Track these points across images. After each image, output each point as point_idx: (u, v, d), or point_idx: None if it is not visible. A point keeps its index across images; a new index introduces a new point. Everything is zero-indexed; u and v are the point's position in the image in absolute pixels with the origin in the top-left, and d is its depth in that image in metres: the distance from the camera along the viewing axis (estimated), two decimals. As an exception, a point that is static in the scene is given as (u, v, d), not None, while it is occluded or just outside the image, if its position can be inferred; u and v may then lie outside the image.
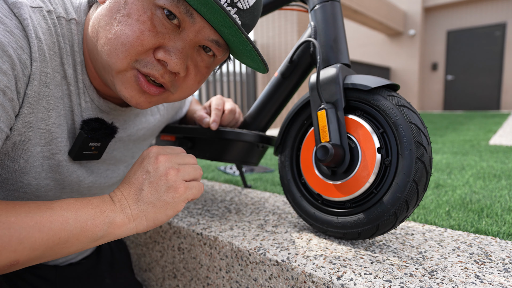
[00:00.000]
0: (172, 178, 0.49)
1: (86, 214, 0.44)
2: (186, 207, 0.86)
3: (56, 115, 0.51)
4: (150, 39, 0.46)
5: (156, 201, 0.48)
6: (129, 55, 0.47)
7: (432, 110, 8.73)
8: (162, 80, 0.50)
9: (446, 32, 8.31)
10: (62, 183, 0.57)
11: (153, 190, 0.48)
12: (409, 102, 0.56)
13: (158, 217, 0.49)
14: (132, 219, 0.48)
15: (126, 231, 0.48)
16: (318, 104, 0.62)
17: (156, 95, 0.52)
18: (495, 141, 2.15)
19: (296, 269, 0.54)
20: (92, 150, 0.56)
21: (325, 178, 0.61)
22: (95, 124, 0.55)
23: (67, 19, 0.50)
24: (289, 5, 0.80)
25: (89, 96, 0.55)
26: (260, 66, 0.54)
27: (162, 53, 0.47)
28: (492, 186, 1.00)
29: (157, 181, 0.48)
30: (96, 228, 0.45)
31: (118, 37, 0.46)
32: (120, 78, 0.49)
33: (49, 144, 0.51)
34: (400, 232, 0.67)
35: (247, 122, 0.81)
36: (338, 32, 0.66)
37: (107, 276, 0.79)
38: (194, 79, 0.54)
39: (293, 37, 4.73)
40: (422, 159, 0.51)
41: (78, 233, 0.43)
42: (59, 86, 0.50)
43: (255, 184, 1.09)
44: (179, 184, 0.49)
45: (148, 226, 0.49)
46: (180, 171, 0.50)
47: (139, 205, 0.48)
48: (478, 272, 0.50)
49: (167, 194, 0.48)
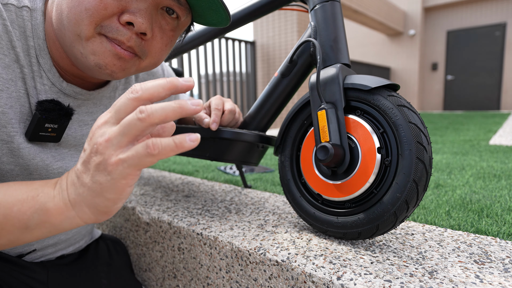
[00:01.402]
0: (101, 149, 0.36)
1: (14, 198, 0.39)
2: (186, 207, 0.86)
3: (6, 96, 0.51)
4: (113, 2, 0.47)
5: (90, 183, 0.37)
6: (94, 19, 0.48)
7: (432, 110, 8.73)
8: (128, 44, 0.51)
9: (446, 32, 8.31)
10: (28, 168, 0.57)
11: (86, 169, 0.38)
12: (409, 102, 0.56)
13: (98, 202, 0.38)
14: (71, 206, 0.39)
15: (65, 220, 0.39)
16: (318, 104, 0.62)
17: (129, 59, 0.53)
18: (495, 141, 2.15)
19: (296, 269, 0.54)
20: (49, 132, 0.57)
21: (325, 178, 0.61)
22: (49, 105, 0.55)
23: (18, 6, 0.52)
24: (289, 5, 0.80)
25: (48, 79, 0.56)
26: (223, 14, 0.55)
27: (127, 15, 0.49)
28: (492, 186, 1.00)
29: (88, 156, 0.38)
30: (23, 215, 0.38)
31: (81, 3, 0.47)
32: (91, 46, 0.50)
33: (4, 126, 0.52)
34: (400, 232, 0.67)
35: (247, 122, 0.81)
36: (338, 32, 0.66)
37: (104, 276, 0.79)
38: (161, 42, 0.55)
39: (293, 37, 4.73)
40: (422, 159, 0.51)
41: (1, 221, 0.38)
42: (8, 68, 0.51)
43: (255, 184, 1.09)
44: (109, 156, 0.36)
45: (92, 215, 0.39)
46: (112, 137, 0.36)
47: (76, 188, 0.39)
48: (478, 272, 0.50)
49: (97, 172, 0.37)
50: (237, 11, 0.86)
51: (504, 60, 7.69)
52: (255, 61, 5.05)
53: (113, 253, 0.86)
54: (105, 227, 1.04)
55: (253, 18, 0.85)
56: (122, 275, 0.83)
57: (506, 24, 7.59)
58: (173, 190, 1.03)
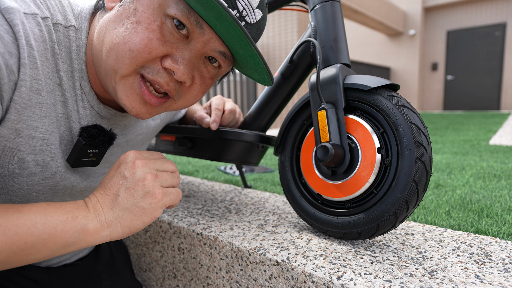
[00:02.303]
0: (149, 183, 0.47)
1: (56, 219, 0.43)
2: (186, 207, 0.86)
3: (49, 122, 0.50)
4: (158, 48, 0.46)
5: (132, 207, 0.47)
6: (135, 61, 0.46)
7: (432, 110, 8.73)
8: (167, 88, 0.50)
9: (446, 32, 8.31)
10: (54, 188, 0.56)
11: (130, 196, 0.47)
12: (409, 102, 0.56)
13: (134, 224, 0.47)
14: (106, 226, 0.46)
15: (98, 238, 0.46)
16: (318, 104, 0.62)
17: (157, 106, 0.52)
18: (495, 141, 2.15)
19: (296, 269, 0.54)
20: (91, 157, 0.56)
21: (325, 178, 0.61)
22: (93, 131, 0.54)
23: (66, 25, 0.50)
24: (289, 5, 0.80)
25: (88, 102, 0.55)
26: (266, 78, 0.54)
27: (170, 61, 0.47)
28: (492, 186, 1.00)
29: (133, 186, 0.47)
30: (66, 234, 0.43)
31: (126, 43, 0.46)
32: (123, 84, 0.49)
33: (43, 152, 0.51)
34: (400, 232, 0.67)
35: (247, 122, 0.81)
36: (338, 32, 0.66)
37: (105, 277, 0.79)
38: (199, 89, 0.54)
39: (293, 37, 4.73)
40: (422, 159, 0.51)
41: (46, 239, 0.42)
42: (51, 92, 0.49)
43: (255, 184, 1.09)
44: (157, 189, 0.48)
45: (123, 233, 0.47)
46: (158, 177, 0.49)
47: (114, 211, 0.46)
48: (478, 272, 0.50)
49: (144, 200, 0.47)
50: (237, 11, 0.86)
51: (504, 60, 7.69)
52: (255, 61, 5.04)
53: (114, 253, 0.86)
54: (105, 227, 1.04)
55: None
56: (123, 276, 0.84)
57: (506, 24, 7.59)
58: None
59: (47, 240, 0.42)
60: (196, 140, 0.81)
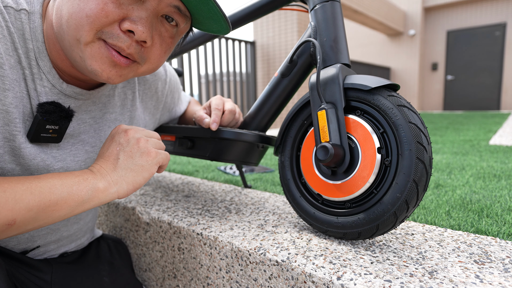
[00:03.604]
0: (143, 145, 0.56)
1: (70, 180, 0.49)
2: (186, 207, 0.86)
3: (12, 96, 0.52)
4: (114, 10, 0.48)
5: (132, 166, 0.54)
6: (94, 26, 0.48)
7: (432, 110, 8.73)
8: (128, 51, 0.52)
9: (446, 32, 8.30)
10: (29, 168, 0.58)
11: (128, 157, 0.55)
12: (409, 102, 0.56)
13: (136, 180, 0.55)
14: (113, 184, 0.53)
15: (108, 195, 0.53)
16: (318, 104, 0.62)
17: (126, 67, 0.54)
18: (495, 141, 2.15)
19: (296, 269, 0.54)
20: (50, 133, 0.58)
21: (325, 178, 0.61)
22: (50, 107, 0.56)
23: (17, 9, 0.52)
24: (289, 5, 0.80)
25: (48, 81, 0.56)
26: (223, 25, 0.56)
27: (128, 23, 0.49)
28: (492, 186, 1.00)
29: (130, 149, 0.55)
30: (81, 192, 0.50)
31: (82, 10, 0.48)
32: (89, 51, 0.51)
33: (7, 124, 0.52)
34: (400, 232, 0.67)
35: (247, 122, 0.81)
36: (338, 32, 0.66)
37: (105, 275, 0.79)
38: (160, 49, 0.56)
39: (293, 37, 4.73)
40: (422, 159, 0.51)
41: (65, 197, 0.48)
42: (14, 68, 0.52)
43: (255, 184, 1.09)
44: (150, 149, 0.56)
45: (128, 189, 0.54)
46: (148, 140, 0.57)
47: (118, 172, 0.54)
48: (478, 272, 0.50)
49: (141, 158, 0.55)
50: (237, 11, 0.86)
51: (504, 60, 7.69)
52: (255, 61, 5.05)
53: (114, 253, 0.86)
54: (105, 227, 1.04)
55: (253, 18, 0.85)
56: (123, 274, 0.84)
57: (506, 24, 7.59)
58: (173, 190, 1.03)
59: (67, 198, 0.48)
60: (196, 140, 0.81)
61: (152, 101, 0.80)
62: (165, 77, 0.83)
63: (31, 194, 0.45)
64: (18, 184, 0.45)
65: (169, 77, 0.84)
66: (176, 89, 0.90)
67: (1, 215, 0.42)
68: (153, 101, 0.81)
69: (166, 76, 0.83)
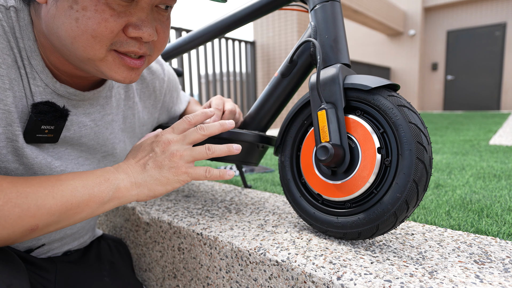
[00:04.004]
0: (176, 160, 0.55)
1: (92, 182, 0.49)
2: (186, 207, 0.86)
3: (12, 96, 0.51)
4: (116, 23, 0.48)
5: (159, 176, 0.55)
6: (104, 44, 0.49)
7: (432, 110, 8.73)
8: (141, 52, 0.53)
9: (446, 32, 8.31)
10: (32, 167, 0.57)
11: (157, 167, 0.55)
12: (409, 102, 0.56)
13: (158, 189, 0.55)
14: (136, 187, 0.53)
15: (129, 196, 0.53)
16: (318, 104, 0.62)
17: (141, 65, 0.55)
18: (495, 141, 2.15)
19: (296, 269, 0.54)
20: (46, 133, 0.58)
21: (325, 178, 0.61)
22: (44, 107, 0.55)
23: (6, 7, 0.51)
24: (289, 5, 0.80)
25: (41, 80, 0.56)
26: None
27: (133, 30, 0.50)
28: (492, 186, 1.00)
29: (162, 160, 0.55)
30: (102, 193, 0.50)
31: (85, 32, 0.47)
32: (105, 65, 0.51)
33: (10, 125, 0.52)
34: (400, 232, 0.67)
35: (247, 122, 0.81)
36: (338, 32, 0.66)
37: (106, 274, 0.80)
38: (164, 35, 0.57)
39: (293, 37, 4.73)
40: (422, 159, 0.51)
41: (87, 199, 0.48)
42: (12, 68, 0.51)
43: (255, 184, 1.09)
44: (181, 166, 0.56)
45: (148, 195, 0.55)
46: (184, 153, 0.56)
47: (143, 176, 0.54)
48: (478, 272, 0.50)
49: (169, 172, 0.55)
50: (237, 11, 0.86)
51: (504, 60, 7.69)
52: (255, 61, 5.05)
53: (114, 252, 0.86)
54: (105, 227, 1.04)
55: (253, 18, 0.85)
56: (123, 274, 0.84)
57: (506, 24, 7.59)
58: (173, 190, 1.03)
59: (88, 200, 0.48)
60: (196, 140, 0.81)
61: (150, 100, 0.80)
62: (163, 76, 0.83)
63: (53, 198, 0.45)
64: (40, 188, 0.45)
65: (167, 76, 0.84)
66: (175, 88, 0.90)
67: (24, 222, 0.42)
68: (151, 100, 0.81)
69: (164, 75, 0.83)
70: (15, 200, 0.42)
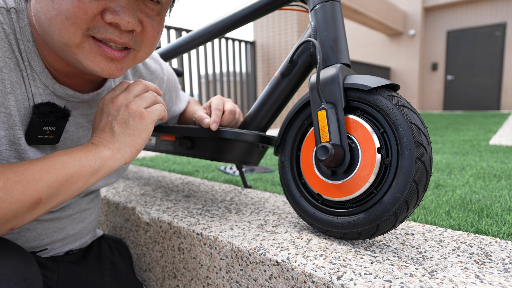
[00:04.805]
0: (134, 109, 0.56)
1: (77, 154, 0.50)
2: (186, 207, 0.86)
3: (14, 99, 0.51)
4: (91, 5, 0.46)
5: (129, 131, 0.55)
6: (78, 26, 0.47)
7: (432, 110, 8.73)
8: (121, 41, 0.50)
9: (446, 32, 8.31)
10: None
11: (122, 124, 0.55)
12: (409, 102, 0.56)
13: (137, 142, 0.56)
14: (117, 151, 0.54)
15: (116, 161, 0.54)
16: (318, 104, 0.62)
17: (123, 59, 0.53)
18: (495, 141, 2.15)
19: (296, 269, 0.54)
20: (48, 134, 0.57)
21: (325, 178, 0.61)
22: (45, 108, 0.55)
23: (7, 8, 0.51)
24: (289, 5, 0.80)
25: (41, 81, 0.55)
26: None
27: (110, 15, 0.47)
28: (492, 186, 1.00)
29: (122, 116, 0.55)
30: (90, 162, 0.51)
31: (60, 12, 0.46)
32: (82, 53, 0.49)
33: (12, 128, 0.52)
34: (400, 232, 0.67)
35: (247, 122, 0.81)
36: (338, 32, 0.66)
37: (107, 274, 0.80)
38: (152, 30, 0.54)
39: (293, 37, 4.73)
40: (422, 159, 0.51)
41: (78, 169, 0.49)
42: (13, 71, 0.51)
43: (255, 184, 1.09)
44: (142, 111, 0.56)
45: (132, 152, 0.56)
46: (136, 101, 0.57)
47: (117, 139, 0.55)
48: (478, 272, 0.50)
49: (134, 122, 0.55)
50: (237, 11, 0.86)
51: (504, 60, 7.69)
52: (255, 61, 5.05)
53: (115, 252, 0.86)
54: (105, 227, 1.04)
55: (253, 18, 0.85)
56: (124, 274, 0.84)
57: (506, 24, 7.59)
58: (173, 190, 1.03)
59: (80, 170, 0.49)
60: (196, 140, 0.81)
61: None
62: (162, 76, 0.83)
63: (47, 172, 0.46)
64: (33, 166, 0.46)
65: (166, 76, 0.84)
66: (174, 88, 0.90)
67: (28, 195, 0.44)
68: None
69: (163, 74, 0.83)
70: (14, 178, 0.43)
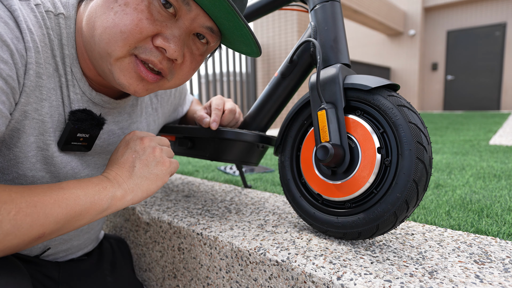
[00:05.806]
0: (158, 154, 0.57)
1: (92, 190, 0.50)
2: (186, 207, 0.86)
3: (48, 106, 0.52)
4: (148, 27, 0.48)
5: (148, 174, 0.55)
6: (128, 42, 0.48)
7: (432, 110, 8.73)
8: (160, 66, 0.52)
9: (446, 32, 8.31)
10: (58, 175, 0.58)
11: (144, 165, 0.55)
12: (409, 102, 0.56)
13: (150, 188, 0.56)
14: (129, 192, 0.54)
15: (125, 202, 0.54)
16: (318, 104, 0.62)
17: (153, 82, 0.54)
18: (495, 141, 2.15)
19: (296, 269, 0.54)
20: (81, 141, 0.58)
21: (325, 178, 0.61)
22: (81, 115, 0.56)
23: (55, 13, 0.51)
24: (289, 5, 0.80)
25: (79, 88, 0.56)
26: (254, 49, 0.56)
27: (161, 40, 0.49)
28: (492, 186, 1.00)
29: (146, 158, 0.56)
30: (101, 201, 0.50)
31: (117, 25, 0.47)
32: (119, 66, 0.51)
33: (42, 134, 0.53)
34: (400, 232, 0.67)
35: (247, 122, 0.81)
36: (338, 32, 0.66)
37: (109, 274, 0.80)
38: (190, 66, 0.56)
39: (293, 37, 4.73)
40: (422, 159, 0.51)
41: (88, 207, 0.49)
42: (51, 77, 0.51)
43: (255, 184, 1.09)
44: (165, 159, 0.57)
45: (142, 196, 0.56)
46: (163, 150, 0.58)
47: (134, 179, 0.54)
48: (478, 272, 0.50)
49: (156, 168, 0.56)
50: (237, 11, 0.86)
51: (504, 60, 7.69)
52: (255, 61, 5.05)
53: (116, 252, 0.87)
54: (105, 227, 1.04)
55: (253, 19, 0.85)
56: (125, 274, 0.84)
57: (506, 24, 7.59)
58: (173, 190, 1.03)
59: (89, 208, 0.49)
60: (196, 140, 0.81)
61: (168, 104, 0.82)
62: None
63: (59, 207, 0.46)
64: (46, 197, 0.45)
65: None
66: (184, 90, 0.90)
67: (34, 231, 0.43)
68: (168, 105, 0.82)
69: None
70: (26, 209, 0.42)
